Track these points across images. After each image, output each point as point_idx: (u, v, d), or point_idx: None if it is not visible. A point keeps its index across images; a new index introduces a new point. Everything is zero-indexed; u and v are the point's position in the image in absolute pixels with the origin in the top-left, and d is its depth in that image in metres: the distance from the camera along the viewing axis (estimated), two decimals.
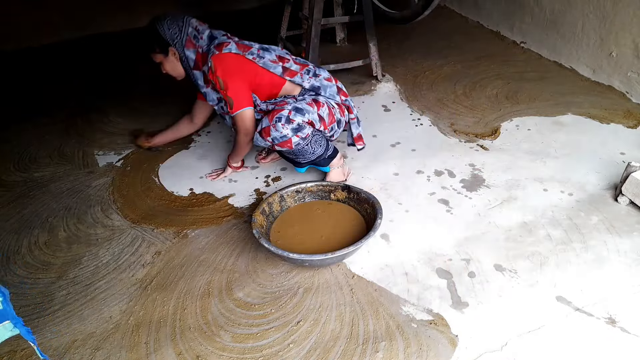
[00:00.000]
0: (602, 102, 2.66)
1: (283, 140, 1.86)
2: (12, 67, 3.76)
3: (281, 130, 1.83)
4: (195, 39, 1.96)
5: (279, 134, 1.84)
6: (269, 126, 1.84)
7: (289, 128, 1.84)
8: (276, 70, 1.96)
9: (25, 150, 2.59)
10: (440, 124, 2.58)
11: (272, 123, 1.83)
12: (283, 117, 1.83)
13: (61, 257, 1.85)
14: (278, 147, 1.91)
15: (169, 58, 2.00)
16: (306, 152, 1.96)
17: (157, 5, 4.45)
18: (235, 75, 1.89)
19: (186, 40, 1.95)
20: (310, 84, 1.99)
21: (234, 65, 1.90)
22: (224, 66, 1.88)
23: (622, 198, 1.89)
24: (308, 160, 2.02)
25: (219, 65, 1.87)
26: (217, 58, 1.88)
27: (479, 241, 1.78)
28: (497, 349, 1.38)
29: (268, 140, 1.87)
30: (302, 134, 1.87)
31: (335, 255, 1.56)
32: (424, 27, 3.86)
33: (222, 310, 1.58)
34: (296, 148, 1.91)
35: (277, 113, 1.84)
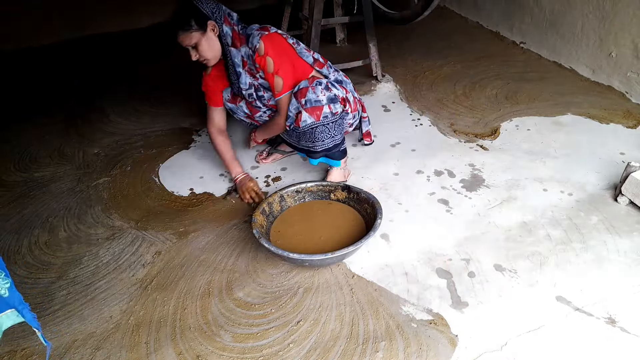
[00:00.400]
0: (602, 102, 2.66)
1: (315, 106, 1.84)
2: (12, 67, 3.76)
3: (318, 93, 1.83)
4: (229, 17, 1.91)
5: (314, 97, 1.83)
6: (307, 87, 1.84)
7: (326, 95, 1.85)
8: (308, 59, 1.97)
9: (25, 150, 2.59)
10: (440, 124, 2.58)
11: (312, 85, 1.84)
12: (323, 83, 1.86)
13: (61, 257, 1.85)
14: (306, 114, 1.84)
15: (208, 35, 1.84)
16: (327, 133, 1.92)
17: (156, 5, 4.46)
18: (284, 56, 1.88)
19: (224, 17, 1.87)
20: (334, 77, 2.03)
21: (283, 46, 1.89)
22: (274, 46, 1.85)
23: (621, 198, 1.89)
24: (324, 147, 1.97)
25: (269, 45, 1.83)
26: (267, 38, 1.83)
27: (479, 241, 1.78)
28: (496, 349, 1.38)
29: (301, 102, 1.84)
30: (334, 108, 1.88)
31: (335, 255, 1.56)
32: (423, 28, 3.86)
33: (222, 310, 1.58)
34: (323, 121, 1.87)
35: (316, 79, 1.87)
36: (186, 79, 3.33)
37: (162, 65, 3.60)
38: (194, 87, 3.19)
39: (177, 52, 3.87)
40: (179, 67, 3.53)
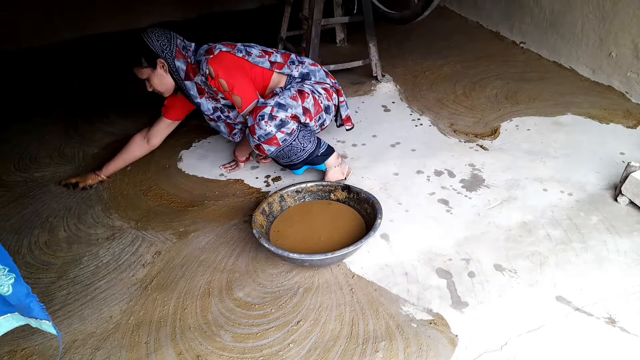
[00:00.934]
0: (602, 102, 2.66)
1: (268, 138, 1.86)
2: (12, 67, 3.76)
3: (264, 127, 1.84)
4: (184, 50, 1.96)
5: (263, 132, 1.85)
6: (253, 125, 1.86)
7: (272, 125, 1.84)
8: (265, 65, 1.99)
9: (25, 150, 2.59)
10: (440, 124, 2.58)
11: (256, 121, 1.85)
12: (265, 114, 1.84)
13: (61, 257, 1.85)
14: (266, 146, 1.89)
15: (157, 72, 1.95)
16: (296, 149, 1.94)
17: (156, 5, 4.46)
18: (236, 72, 1.90)
19: (176, 51, 1.93)
20: (299, 72, 2.04)
21: (231, 63, 1.91)
22: (223, 66, 1.88)
23: (621, 198, 1.89)
24: (301, 159, 2.00)
25: (218, 67, 1.87)
26: (214, 61, 1.87)
27: (479, 241, 1.78)
28: (496, 349, 1.38)
29: (255, 138, 1.88)
30: (287, 129, 1.88)
31: (335, 255, 1.56)
32: (423, 28, 3.86)
33: (222, 310, 1.58)
34: (283, 144, 1.89)
35: (259, 111, 1.85)
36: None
37: None
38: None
39: None
40: None
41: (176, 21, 4.51)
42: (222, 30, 4.28)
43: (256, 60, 1.99)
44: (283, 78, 2.05)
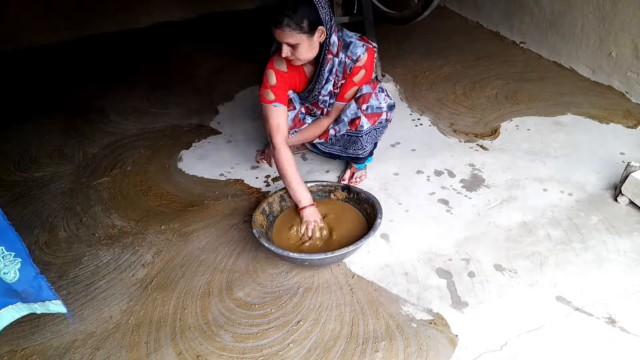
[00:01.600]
0: (602, 102, 2.66)
1: (377, 112, 1.87)
2: (12, 67, 3.76)
3: (381, 100, 1.85)
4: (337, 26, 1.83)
5: (377, 103, 1.85)
6: (370, 93, 1.84)
7: (387, 102, 1.87)
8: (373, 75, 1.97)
9: (25, 150, 2.59)
10: (440, 124, 2.58)
11: (375, 91, 1.84)
12: (384, 89, 1.87)
13: (61, 257, 1.85)
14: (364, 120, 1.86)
15: (313, 39, 1.66)
16: (373, 137, 1.97)
17: (156, 5, 4.46)
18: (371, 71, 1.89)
19: (334, 26, 1.78)
20: None
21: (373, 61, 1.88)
22: (371, 60, 1.85)
23: (621, 198, 1.89)
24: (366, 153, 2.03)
25: (370, 60, 1.83)
26: (372, 52, 1.83)
27: (479, 241, 1.78)
28: (496, 349, 1.38)
29: (362, 107, 1.85)
30: (390, 115, 1.92)
31: (335, 255, 1.56)
32: (423, 28, 3.86)
33: (222, 310, 1.58)
34: (376, 126, 1.91)
35: (377, 84, 1.87)
36: (186, 79, 3.34)
37: (162, 65, 3.60)
38: (194, 86, 3.21)
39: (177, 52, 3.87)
40: (179, 67, 3.54)
41: (176, 21, 4.51)
42: (222, 30, 4.28)
43: None
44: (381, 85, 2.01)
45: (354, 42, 1.81)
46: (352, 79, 1.85)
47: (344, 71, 1.85)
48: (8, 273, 1.03)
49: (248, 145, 2.49)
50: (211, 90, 3.12)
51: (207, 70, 3.44)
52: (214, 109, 2.91)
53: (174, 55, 3.78)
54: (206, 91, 3.13)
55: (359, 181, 2.13)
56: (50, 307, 1.11)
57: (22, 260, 1.04)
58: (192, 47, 3.86)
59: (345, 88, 1.89)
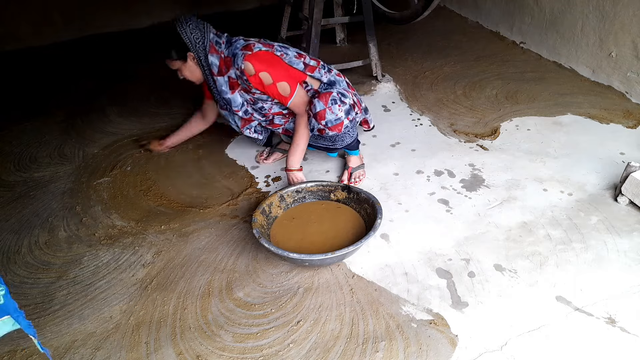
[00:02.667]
0: (602, 102, 2.66)
1: (337, 123, 1.89)
2: (12, 67, 3.76)
3: (337, 112, 1.87)
4: (217, 45, 1.91)
5: (334, 117, 1.87)
6: (324, 109, 1.86)
7: (343, 110, 1.89)
8: (299, 66, 1.96)
9: (25, 150, 2.59)
10: (440, 124, 2.58)
11: (328, 106, 1.85)
12: (336, 99, 1.87)
13: (61, 257, 1.85)
14: (330, 132, 1.91)
15: (188, 64, 1.94)
16: (346, 136, 1.99)
17: (156, 5, 4.46)
18: (276, 65, 1.89)
19: (210, 46, 1.89)
20: (327, 79, 2.02)
21: (270, 59, 1.89)
22: (262, 61, 1.86)
23: (621, 198, 1.89)
24: (344, 145, 2.05)
25: (256, 62, 1.84)
26: (252, 57, 1.84)
27: (479, 241, 1.78)
28: (496, 349, 1.38)
29: (322, 123, 1.88)
30: (351, 117, 1.94)
31: (335, 255, 1.56)
32: (423, 28, 3.86)
33: (222, 310, 1.58)
34: (344, 131, 1.94)
35: (328, 96, 1.87)
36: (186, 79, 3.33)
37: (162, 65, 3.59)
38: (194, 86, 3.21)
39: None
40: None
41: None
42: (222, 30, 4.27)
43: (292, 60, 1.95)
44: (316, 83, 2.01)
45: (236, 53, 1.87)
46: (264, 85, 1.89)
47: (247, 82, 1.89)
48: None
49: (248, 145, 2.49)
50: None
51: None
52: None
53: None
54: None
55: (358, 181, 2.13)
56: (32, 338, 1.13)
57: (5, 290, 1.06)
58: None
59: (273, 94, 1.92)
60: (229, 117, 2.14)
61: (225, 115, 2.16)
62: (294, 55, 1.97)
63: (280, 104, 2.03)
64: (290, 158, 2.03)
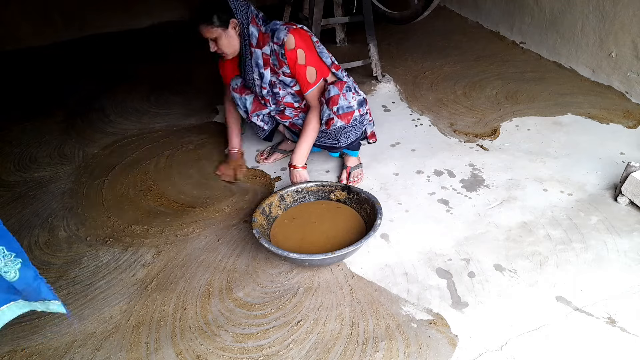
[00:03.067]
0: (602, 102, 2.66)
1: (347, 112, 1.86)
2: (12, 67, 3.76)
3: (350, 99, 1.85)
4: (257, 18, 1.88)
5: (346, 103, 1.85)
6: (338, 94, 1.84)
7: (356, 100, 1.87)
8: (327, 61, 1.94)
9: (25, 150, 2.59)
10: (440, 124, 2.58)
11: (342, 92, 1.84)
12: (351, 87, 1.86)
13: (61, 257, 1.85)
14: (338, 120, 1.86)
15: (229, 32, 1.83)
16: (352, 131, 1.96)
17: (156, 5, 4.46)
18: (312, 49, 1.88)
19: (252, 17, 1.85)
20: (349, 81, 1.97)
21: (309, 41, 1.88)
22: (303, 39, 1.84)
23: (621, 198, 1.89)
24: (347, 143, 2.03)
25: (299, 38, 1.82)
26: (295, 32, 1.82)
27: (479, 241, 1.78)
28: (496, 349, 1.38)
29: (333, 109, 1.85)
30: (363, 110, 1.92)
31: (335, 255, 1.56)
32: (423, 28, 3.86)
33: (222, 310, 1.58)
34: (352, 123, 1.90)
35: (343, 84, 1.86)
36: (186, 79, 3.34)
37: (162, 65, 3.60)
38: (194, 86, 3.21)
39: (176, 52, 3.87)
40: (178, 67, 3.54)
41: (176, 21, 4.51)
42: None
43: (323, 52, 1.93)
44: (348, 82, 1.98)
45: (278, 29, 1.84)
46: (297, 63, 1.86)
47: (277, 58, 1.87)
48: (8, 272, 1.04)
49: (248, 145, 2.49)
50: (211, 90, 3.12)
51: (207, 70, 3.43)
52: (213, 109, 2.91)
53: (174, 55, 3.78)
54: (206, 91, 3.13)
55: (356, 180, 2.12)
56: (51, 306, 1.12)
57: (22, 261, 1.05)
58: (192, 47, 3.86)
59: (300, 74, 1.89)
60: (239, 100, 2.08)
61: (236, 99, 2.09)
62: (325, 48, 1.96)
63: (295, 95, 2.01)
64: (297, 153, 1.99)
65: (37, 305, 1.12)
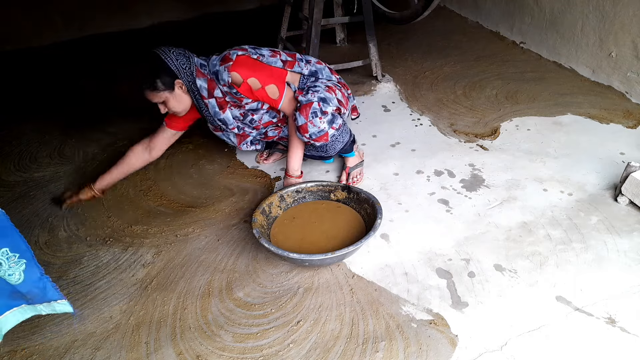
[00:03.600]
0: (602, 102, 2.66)
1: (321, 135, 1.85)
2: (12, 67, 3.76)
3: (319, 124, 1.83)
4: (202, 68, 1.86)
5: (316, 130, 1.83)
6: (305, 123, 1.83)
7: (325, 121, 1.84)
8: (277, 65, 1.91)
9: (25, 150, 2.59)
10: (440, 124, 2.58)
11: (309, 119, 1.82)
12: (317, 110, 1.83)
13: (61, 257, 1.85)
14: (316, 143, 1.88)
15: (175, 93, 1.83)
16: (337, 143, 1.96)
17: (156, 5, 4.46)
18: (259, 69, 1.85)
19: (196, 70, 1.84)
20: (308, 70, 1.96)
21: (252, 63, 1.85)
22: (246, 67, 1.82)
23: (621, 198, 1.89)
24: (336, 151, 2.03)
25: (241, 69, 1.80)
26: (235, 66, 1.79)
27: (479, 241, 1.78)
28: (496, 349, 1.38)
29: (305, 136, 1.85)
30: (336, 125, 1.89)
31: (335, 255, 1.56)
32: (423, 28, 3.86)
33: (222, 310, 1.58)
34: (331, 139, 1.90)
35: (308, 109, 1.82)
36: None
37: None
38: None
39: None
40: None
41: (176, 21, 4.51)
42: (221, 30, 4.28)
43: (269, 60, 1.89)
44: (296, 77, 1.97)
45: (218, 70, 1.80)
46: (254, 92, 1.85)
47: (233, 97, 1.87)
48: (13, 275, 1.03)
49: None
50: None
51: None
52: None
53: None
54: None
55: (356, 181, 2.12)
56: (56, 307, 1.11)
57: (26, 261, 1.04)
58: (192, 47, 3.85)
59: (263, 99, 1.88)
60: (223, 137, 2.12)
61: (220, 136, 2.13)
62: (269, 55, 1.91)
63: (270, 112, 2.01)
64: (290, 163, 2.02)
65: (41, 309, 1.11)
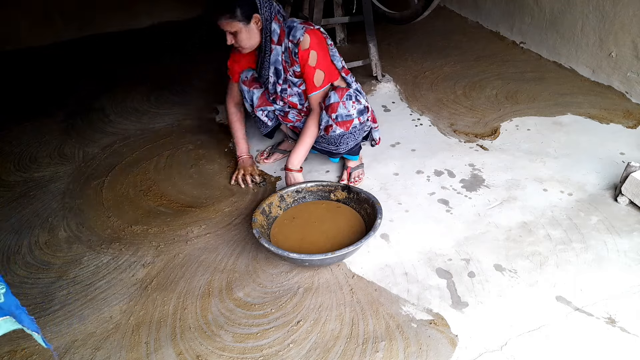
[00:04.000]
0: (602, 102, 2.66)
1: (347, 119, 1.85)
2: (12, 67, 3.76)
3: (349, 108, 1.83)
4: (278, 14, 1.87)
5: (345, 112, 1.83)
6: (337, 102, 1.82)
7: (356, 109, 1.85)
8: (338, 65, 1.93)
9: (25, 150, 2.59)
10: (440, 124, 2.58)
11: (343, 100, 1.82)
12: (352, 95, 1.84)
13: (61, 257, 1.85)
14: (337, 128, 1.86)
15: (250, 27, 1.81)
16: (352, 138, 1.95)
17: (156, 5, 4.47)
18: (325, 52, 1.87)
19: (274, 15, 1.84)
20: (355, 86, 1.98)
21: (323, 43, 1.87)
22: (318, 40, 1.84)
23: (621, 198, 1.89)
24: (347, 149, 2.02)
25: (314, 39, 1.82)
26: (312, 32, 1.82)
27: (479, 241, 1.78)
28: (496, 349, 1.38)
29: (332, 117, 1.85)
30: (363, 118, 1.90)
31: (335, 255, 1.56)
32: (423, 28, 3.86)
33: (222, 310, 1.58)
34: (351, 130, 1.89)
35: (345, 91, 1.84)
36: (186, 79, 3.34)
37: (162, 65, 3.60)
38: (194, 86, 3.21)
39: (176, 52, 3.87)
40: (178, 67, 3.54)
41: (176, 21, 4.51)
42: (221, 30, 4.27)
43: (335, 56, 1.92)
44: (342, 85, 1.95)
45: (295, 27, 1.84)
46: (307, 64, 1.85)
47: (290, 56, 1.86)
48: None
49: (249, 144, 2.48)
50: (211, 90, 3.12)
51: (206, 70, 3.44)
52: (213, 109, 2.91)
53: (174, 55, 3.78)
54: (206, 91, 3.13)
55: (357, 181, 2.12)
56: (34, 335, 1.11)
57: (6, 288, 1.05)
58: (192, 47, 3.86)
59: (308, 76, 1.88)
60: (247, 94, 2.08)
61: (244, 92, 2.08)
62: (337, 52, 1.95)
63: (300, 96, 2.01)
64: (293, 156, 2.01)
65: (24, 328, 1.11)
